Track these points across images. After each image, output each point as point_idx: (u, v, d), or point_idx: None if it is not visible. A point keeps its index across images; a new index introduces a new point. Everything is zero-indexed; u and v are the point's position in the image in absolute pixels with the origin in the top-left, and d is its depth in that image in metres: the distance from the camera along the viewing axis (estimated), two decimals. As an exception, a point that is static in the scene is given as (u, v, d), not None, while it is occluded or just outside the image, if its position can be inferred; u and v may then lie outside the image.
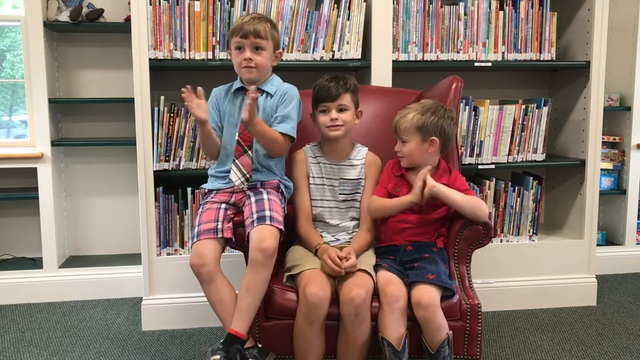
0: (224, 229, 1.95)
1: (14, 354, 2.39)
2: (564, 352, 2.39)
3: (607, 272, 3.28)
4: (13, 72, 3.26)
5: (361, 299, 1.78)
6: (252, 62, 2.03)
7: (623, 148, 3.31)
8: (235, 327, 1.83)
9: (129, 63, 2.59)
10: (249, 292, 1.83)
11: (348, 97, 2.05)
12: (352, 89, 2.06)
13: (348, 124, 2.06)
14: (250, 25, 2.01)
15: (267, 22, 2.06)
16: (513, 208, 2.82)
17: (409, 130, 1.98)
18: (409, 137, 1.99)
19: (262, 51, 2.04)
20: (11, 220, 3.11)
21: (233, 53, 2.08)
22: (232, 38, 2.06)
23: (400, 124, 2.00)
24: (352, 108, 2.06)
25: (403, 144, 2.01)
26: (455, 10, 2.70)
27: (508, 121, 2.75)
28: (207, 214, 1.99)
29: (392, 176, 2.06)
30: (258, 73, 2.06)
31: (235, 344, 1.79)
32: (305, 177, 2.11)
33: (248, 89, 2.05)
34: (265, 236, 1.85)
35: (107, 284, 2.96)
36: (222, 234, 1.94)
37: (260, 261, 1.83)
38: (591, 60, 2.79)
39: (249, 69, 2.04)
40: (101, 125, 3.07)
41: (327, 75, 2.08)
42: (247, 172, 2.05)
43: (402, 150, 2.02)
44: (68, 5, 2.84)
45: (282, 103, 2.07)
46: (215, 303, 1.90)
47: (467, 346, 1.87)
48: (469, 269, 2.01)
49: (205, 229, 1.94)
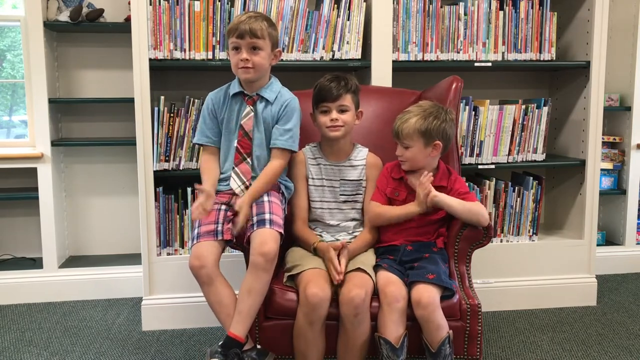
0: (224, 231, 1.94)
1: (14, 354, 2.39)
2: (564, 352, 2.39)
3: (607, 272, 3.28)
4: (13, 72, 3.26)
5: (361, 299, 1.78)
6: (249, 63, 1.98)
7: (623, 148, 3.31)
8: (234, 329, 1.82)
9: (129, 63, 2.59)
10: (249, 295, 1.83)
11: (349, 97, 2.04)
12: (353, 89, 2.05)
13: (348, 124, 2.05)
14: (246, 24, 1.95)
15: (263, 20, 2.00)
16: (513, 208, 2.82)
17: (411, 135, 1.97)
18: (412, 142, 1.98)
19: (260, 51, 1.99)
20: (11, 220, 3.11)
21: (230, 53, 2.04)
22: (229, 38, 2.02)
23: (403, 129, 1.98)
24: (352, 109, 2.05)
25: (405, 148, 2.00)
26: (455, 10, 2.70)
27: (508, 121, 2.75)
28: (208, 217, 1.97)
29: (390, 180, 2.05)
30: (255, 73, 2.01)
31: (234, 348, 1.79)
32: (303, 179, 2.11)
33: (247, 93, 2.05)
34: (266, 240, 1.85)
35: (107, 284, 2.96)
36: (222, 236, 1.93)
37: (261, 265, 1.83)
38: (591, 60, 2.79)
39: (246, 70, 1.99)
40: (101, 125, 3.07)
41: (328, 75, 2.06)
42: (247, 180, 2.04)
43: (405, 154, 2.00)
44: (68, 5, 2.84)
45: (284, 116, 2.05)
46: (214, 304, 1.90)
47: (467, 346, 1.87)
48: (469, 269, 2.01)
49: (205, 231, 1.93)
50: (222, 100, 2.10)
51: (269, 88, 2.07)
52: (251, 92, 2.07)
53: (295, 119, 2.06)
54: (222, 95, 2.11)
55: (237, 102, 2.08)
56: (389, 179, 2.06)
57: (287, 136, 2.03)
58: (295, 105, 2.08)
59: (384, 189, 2.05)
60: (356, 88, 2.07)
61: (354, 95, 2.06)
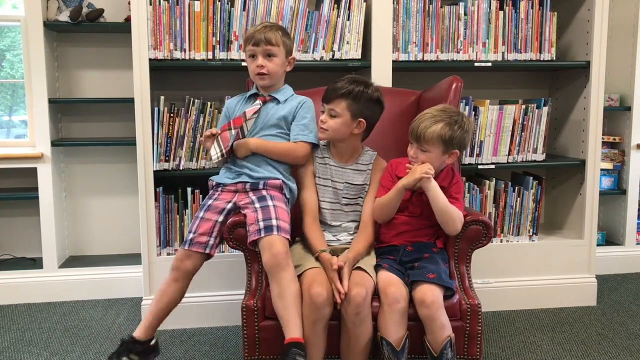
0: (213, 245, 2.05)
1: (14, 354, 2.39)
2: (564, 352, 2.39)
3: (607, 272, 3.28)
4: (13, 72, 3.26)
5: (362, 297, 1.77)
6: (264, 69, 2.08)
7: (623, 148, 3.31)
8: (289, 335, 1.79)
9: (129, 63, 2.59)
10: (281, 299, 1.82)
11: (343, 104, 1.99)
12: (352, 96, 1.98)
13: (332, 130, 2.01)
14: (262, 33, 2.07)
15: (278, 29, 2.11)
16: (513, 208, 2.82)
17: (434, 141, 1.92)
18: (432, 147, 1.93)
19: (274, 58, 2.09)
20: (11, 220, 3.11)
21: (247, 61, 2.14)
22: (245, 46, 2.14)
23: (426, 133, 1.91)
24: (345, 116, 1.99)
25: (422, 152, 1.95)
26: (455, 10, 2.70)
27: (508, 121, 2.75)
28: (205, 224, 2.04)
29: (395, 178, 2.03)
30: (270, 79, 2.12)
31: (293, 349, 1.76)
32: (312, 174, 2.10)
33: (262, 94, 2.15)
34: (274, 242, 1.87)
35: (107, 284, 2.96)
36: (209, 250, 2.05)
37: (277, 265, 1.84)
38: (591, 60, 2.79)
39: (261, 76, 2.10)
40: (101, 125, 3.07)
41: (347, 77, 2.04)
42: (225, 147, 2.07)
43: (419, 157, 1.95)
44: (68, 5, 2.84)
45: (300, 113, 2.12)
46: (160, 295, 2.04)
47: (467, 346, 1.87)
48: (469, 269, 2.01)
49: (198, 241, 2.03)
50: (238, 102, 2.22)
51: (281, 91, 2.18)
52: (265, 94, 2.17)
53: (310, 116, 2.13)
54: (239, 98, 2.23)
55: (251, 100, 2.19)
56: (394, 177, 2.03)
57: (307, 130, 2.10)
58: (310, 104, 2.16)
59: (388, 186, 2.01)
60: (357, 95, 1.98)
61: (353, 102, 1.98)
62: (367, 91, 2.01)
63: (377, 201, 2.02)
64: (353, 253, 1.94)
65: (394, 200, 1.96)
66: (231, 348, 2.41)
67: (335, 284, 1.82)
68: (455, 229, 1.93)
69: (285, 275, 1.84)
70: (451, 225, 1.93)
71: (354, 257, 1.92)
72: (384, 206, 1.99)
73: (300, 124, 2.11)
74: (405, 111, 2.36)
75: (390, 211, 2.00)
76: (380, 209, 2.01)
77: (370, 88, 2.02)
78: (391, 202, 1.97)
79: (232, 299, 2.58)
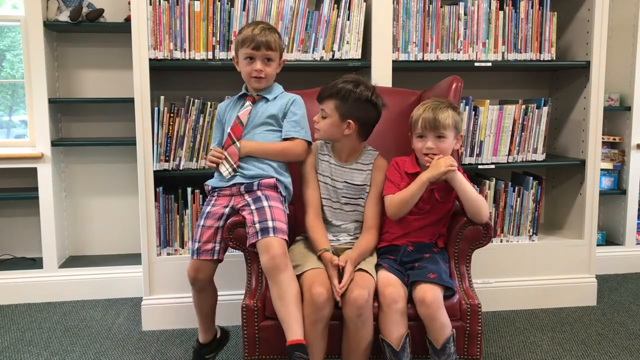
0: (220, 250, 2.09)
1: (14, 354, 2.39)
2: (564, 352, 2.39)
3: (607, 272, 3.28)
4: (13, 72, 3.26)
5: (364, 299, 1.77)
6: (262, 73, 2.09)
7: (623, 148, 3.31)
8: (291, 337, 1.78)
9: (129, 63, 2.59)
10: (281, 301, 1.82)
11: (332, 104, 1.98)
12: (339, 95, 1.95)
13: (324, 131, 2.02)
14: (262, 37, 2.06)
15: (275, 32, 2.12)
16: (513, 208, 2.82)
17: (449, 125, 1.94)
18: (448, 132, 1.95)
19: (272, 62, 2.11)
20: (11, 220, 3.11)
21: (242, 62, 2.12)
22: (241, 48, 2.10)
23: (442, 118, 1.92)
24: (333, 117, 1.98)
25: (439, 139, 1.95)
26: (455, 10, 2.70)
27: (508, 121, 2.75)
28: (207, 232, 2.06)
29: (404, 175, 2.01)
30: (267, 83, 2.13)
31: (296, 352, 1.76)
32: (313, 170, 2.09)
33: (250, 94, 2.15)
34: (271, 245, 1.87)
35: (107, 284, 2.96)
36: (217, 255, 2.09)
37: (275, 267, 1.84)
38: (591, 60, 2.79)
39: (258, 80, 2.10)
40: (101, 125, 3.07)
41: (342, 76, 2.02)
42: (234, 162, 2.07)
43: (439, 146, 1.95)
44: (68, 5, 2.84)
45: (290, 111, 2.12)
46: (197, 308, 2.16)
47: (467, 346, 1.87)
48: (469, 269, 2.01)
49: (204, 249, 2.07)
50: (228, 105, 2.22)
51: (270, 90, 2.17)
52: (254, 93, 2.16)
53: (301, 113, 2.13)
54: (229, 102, 2.23)
55: (240, 102, 2.18)
56: (402, 174, 2.01)
57: (299, 127, 2.11)
58: (300, 101, 2.16)
59: (397, 182, 2.00)
60: (346, 95, 1.95)
61: (342, 103, 1.96)
62: (355, 91, 1.96)
63: (395, 197, 1.97)
64: (356, 252, 1.94)
65: (415, 195, 1.94)
66: (231, 348, 2.41)
67: (333, 284, 1.82)
68: (486, 215, 1.94)
69: (284, 276, 1.84)
70: (482, 214, 1.93)
71: (356, 257, 1.92)
72: (403, 202, 1.95)
73: (291, 121, 2.11)
74: (405, 111, 2.36)
75: (410, 207, 1.96)
76: (399, 205, 1.96)
77: (360, 87, 1.97)
78: (413, 196, 1.94)
79: (232, 299, 2.58)
